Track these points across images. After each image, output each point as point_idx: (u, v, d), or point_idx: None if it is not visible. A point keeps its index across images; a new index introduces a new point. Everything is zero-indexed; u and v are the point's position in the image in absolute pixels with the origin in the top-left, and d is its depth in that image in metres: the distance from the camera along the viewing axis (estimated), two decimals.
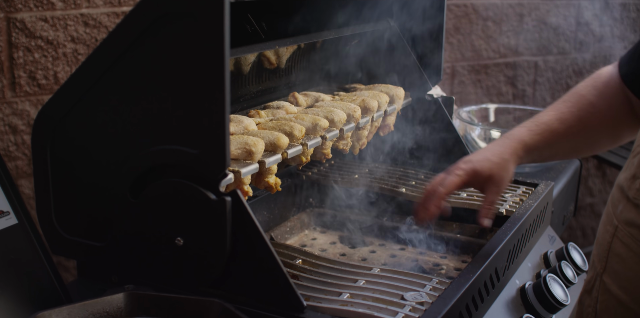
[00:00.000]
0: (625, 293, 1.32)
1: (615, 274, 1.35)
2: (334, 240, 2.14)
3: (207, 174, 1.42)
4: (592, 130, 1.72)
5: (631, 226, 1.32)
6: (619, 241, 1.35)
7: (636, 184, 1.32)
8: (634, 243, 1.31)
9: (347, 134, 1.93)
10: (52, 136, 1.57)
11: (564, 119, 1.72)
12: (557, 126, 1.71)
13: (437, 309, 1.45)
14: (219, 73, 1.34)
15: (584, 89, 1.73)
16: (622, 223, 1.34)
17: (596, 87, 1.71)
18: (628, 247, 1.32)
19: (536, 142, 1.72)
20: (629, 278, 1.32)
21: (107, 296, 1.41)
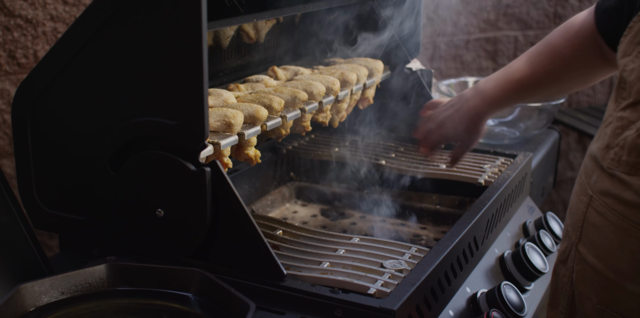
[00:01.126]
0: (601, 262, 1.33)
1: (591, 243, 1.36)
2: (315, 212, 2.16)
3: (186, 145, 1.43)
4: (564, 81, 1.76)
5: (606, 196, 1.32)
6: (593, 211, 1.35)
7: (610, 154, 1.32)
8: (609, 212, 1.31)
9: (326, 106, 1.94)
10: (32, 111, 1.58)
11: (533, 68, 1.75)
12: (525, 75, 1.75)
13: (415, 276, 1.47)
14: (197, 45, 1.34)
15: (557, 39, 1.73)
16: (596, 193, 1.34)
17: (568, 38, 1.70)
18: (603, 216, 1.32)
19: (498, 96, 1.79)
20: (604, 247, 1.32)
21: (89, 267, 1.43)
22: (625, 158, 1.29)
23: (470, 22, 3.79)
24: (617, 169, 1.31)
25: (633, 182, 1.27)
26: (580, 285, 1.40)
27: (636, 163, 1.27)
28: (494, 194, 1.87)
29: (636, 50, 1.34)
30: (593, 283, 1.36)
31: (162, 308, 1.39)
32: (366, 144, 2.28)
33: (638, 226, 1.26)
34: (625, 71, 1.35)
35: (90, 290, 1.42)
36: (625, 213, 1.29)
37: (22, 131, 1.60)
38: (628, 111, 1.31)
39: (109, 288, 1.43)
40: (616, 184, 1.31)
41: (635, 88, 1.30)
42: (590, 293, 1.36)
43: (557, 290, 1.48)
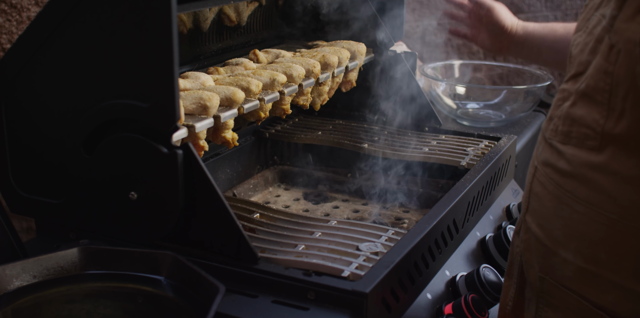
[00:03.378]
0: (541, 230, 1.36)
1: (534, 213, 1.38)
2: (298, 196, 2.15)
3: (158, 127, 1.41)
4: None
5: (546, 166, 1.35)
6: (537, 181, 1.38)
7: (551, 125, 1.35)
8: (547, 181, 1.34)
9: (306, 89, 1.93)
10: (5, 95, 1.56)
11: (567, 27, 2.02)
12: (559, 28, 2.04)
13: (390, 258, 1.46)
14: (166, 26, 1.33)
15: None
16: (540, 163, 1.38)
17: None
18: (543, 186, 1.35)
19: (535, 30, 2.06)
20: (543, 216, 1.35)
21: (61, 251, 1.42)
22: (561, 128, 1.32)
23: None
24: (554, 139, 1.34)
25: (565, 151, 1.30)
26: (527, 254, 1.43)
27: (569, 132, 1.30)
28: (475, 177, 1.86)
29: (585, 26, 1.36)
30: (535, 251, 1.39)
31: (134, 292, 1.38)
32: (349, 128, 2.27)
33: (569, 194, 1.28)
34: (573, 45, 1.37)
35: (62, 273, 1.41)
36: (559, 181, 1.31)
37: None
38: (570, 83, 1.34)
39: (81, 272, 1.42)
40: (554, 154, 1.33)
41: (577, 61, 1.32)
42: (533, 262, 1.39)
43: (512, 260, 1.50)
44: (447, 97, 2.58)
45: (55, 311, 1.35)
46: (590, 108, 1.26)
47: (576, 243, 1.29)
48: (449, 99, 2.58)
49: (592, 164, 1.25)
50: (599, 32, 1.28)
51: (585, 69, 1.29)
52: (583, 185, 1.26)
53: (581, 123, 1.27)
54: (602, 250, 1.25)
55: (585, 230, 1.27)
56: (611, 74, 1.22)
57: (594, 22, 1.31)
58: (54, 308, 1.35)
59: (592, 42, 1.29)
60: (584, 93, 1.28)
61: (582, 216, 1.27)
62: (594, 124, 1.25)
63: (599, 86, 1.24)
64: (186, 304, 1.32)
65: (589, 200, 1.25)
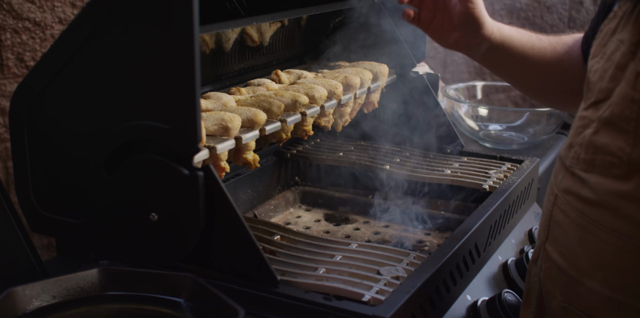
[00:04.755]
0: (563, 260, 1.34)
1: (556, 241, 1.37)
2: (319, 217, 2.14)
3: (179, 149, 1.41)
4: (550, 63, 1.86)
5: (568, 194, 1.33)
6: (558, 209, 1.36)
7: (571, 152, 1.34)
8: (570, 210, 1.32)
9: (328, 110, 1.92)
10: (29, 114, 1.57)
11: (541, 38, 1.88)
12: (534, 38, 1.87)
13: (411, 283, 1.45)
14: (188, 48, 1.33)
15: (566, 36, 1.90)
16: (561, 191, 1.36)
17: (574, 37, 1.88)
18: (566, 214, 1.34)
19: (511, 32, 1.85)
20: (566, 245, 1.34)
21: (81, 271, 1.42)
22: (583, 156, 1.30)
23: None
24: (576, 167, 1.32)
25: (589, 179, 1.28)
26: (547, 283, 1.40)
27: (592, 160, 1.28)
28: (498, 200, 1.85)
29: (602, 51, 1.35)
30: (557, 280, 1.37)
31: (154, 314, 1.38)
32: (371, 149, 2.26)
33: (595, 223, 1.27)
34: (590, 71, 1.36)
35: (82, 294, 1.41)
36: (583, 210, 1.29)
37: (19, 134, 1.60)
38: (590, 111, 1.32)
39: (101, 293, 1.42)
40: (576, 182, 1.32)
41: (597, 88, 1.31)
42: (555, 291, 1.37)
43: (529, 289, 1.48)
44: (469, 119, 2.57)
45: None
46: (614, 136, 1.24)
47: (603, 272, 1.27)
48: (471, 120, 2.57)
49: (618, 193, 1.23)
50: (619, 59, 1.27)
51: (607, 96, 1.28)
52: (610, 214, 1.24)
53: (605, 151, 1.26)
54: (631, 279, 1.23)
55: (612, 259, 1.25)
56: (638, 102, 1.20)
57: (612, 48, 1.30)
58: None
59: (612, 69, 1.28)
60: (607, 121, 1.26)
61: (609, 245, 1.25)
62: (620, 152, 1.23)
63: (625, 114, 1.22)
64: None
65: (616, 229, 1.23)
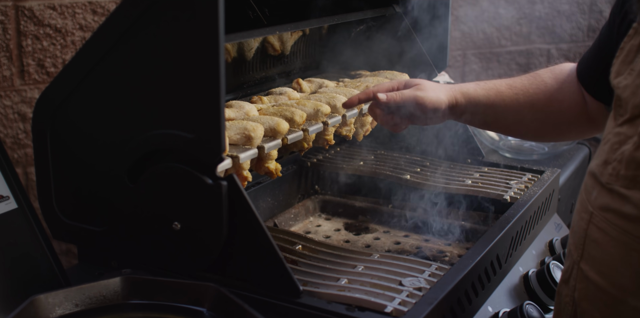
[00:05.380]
0: (603, 278, 1.32)
1: (593, 260, 1.34)
2: (339, 226, 2.14)
3: (203, 158, 1.41)
4: (537, 107, 1.78)
5: (606, 211, 1.31)
6: (595, 227, 1.34)
7: (608, 169, 1.32)
8: (609, 227, 1.30)
9: (350, 120, 1.92)
10: (52, 121, 1.57)
11: (513, 86, 1.79)
12: (505, 89, 1.78)
13: (434, 295, 1.44)
14: (213, 57, 1.33)
15: (543, 72, 1.82)
16: (597, 209, 1.33)
17: (554, 72, 1.81)
18: (604, 232, 1.31)
19: (478, 95, 1.77)
20: (606, 263, 1.31)
21: (103, 280, 1.42)
22: (624, 172, 1.28)
23: (502, 35, 3.76)
24: (615, 184, 1.30)
25: (632, 196, 1.26)
26: (584, 304, 1.38)
27: (634, 176, 1.26)
28: (519, 211, 1.84)
29: (628, 68, 1.34)
30: (596, 300, 1.34)
31: None
32: (391, 158, 2.26)
33: (638, 240, 1.25)
34: (619, 88, 1.35)
35: (105, 302, 1.41)
36: (625, 227, 1.27)
37: (42, 141, 1.60)
38: (625, 127, 1.31)
39: (123, 301, 1.41)
40: (615, 199, 1.29)
41: (631, 103, 1.30)
42: (594, 311, 1.34)
43: (560, 310, 1.46)
44: None
45: None
46: None
47: None
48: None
49: None
50: None
51: None
52: None
53: None
54: None
55: None
56: None
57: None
58: None
59: None
60: None
61: None
62: None
63: None
64: None
65: None
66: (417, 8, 2.22)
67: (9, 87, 2.33)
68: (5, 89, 2.33)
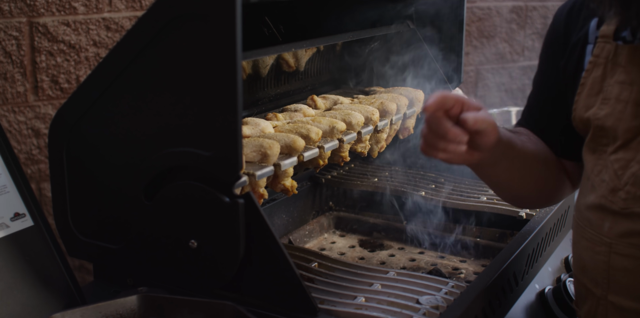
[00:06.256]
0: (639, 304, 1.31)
1: (624, 289, 1.33)
2: (353, 243, 2.13)
3: (220, 176, 1.41)
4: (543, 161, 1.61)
5: (629, 236, 1.30)
6: (618, 256, 1.33)
7: (620, 195, 1.31)
8: (637, 251, 1.29)
9: (365, 137, 1.92)
10: (68, 138, 1.58)
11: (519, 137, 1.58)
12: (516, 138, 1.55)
13: (452, 313, 1.44)
14: (231, 75, 1.33)
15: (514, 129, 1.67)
16: (617, 237, 1.33)
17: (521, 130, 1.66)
18: (632, 257, 1.31)
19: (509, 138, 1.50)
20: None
21: (120, 298, 1.41)
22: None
23: (514, 50, 3.76)
24: (635, 207, 1.29)
25: None
26: None
27: None
28: (535, 228, 1.83)
29: (599, 99, 1.36)
30: None
31: None
32: (406, 175, 2.26)
33: None
34: (597, 119, 1.36)
35: None
36: None
37: (58, 158, 1.60)
38: (621, 153, 1.32)
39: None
40: (637, 221, 1.29)
41: (620, 129, 1.31)
42: None
43: None
44: None
45: None
46: None
47: None
48: None
49: None
50: (635, 97, 1.29)
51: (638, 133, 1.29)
52: None
53: None
54: None
55: None
56: None
57: (616, 91, 1.33)
58: None
59: (630, 108, 1.29)
60: None
61: None
62: None
63: None
64: None
65: None
66: (431, 24, 2.22)
67: (22, 103, 2.34)
68: (19, 105, 2.34)
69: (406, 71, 2.24)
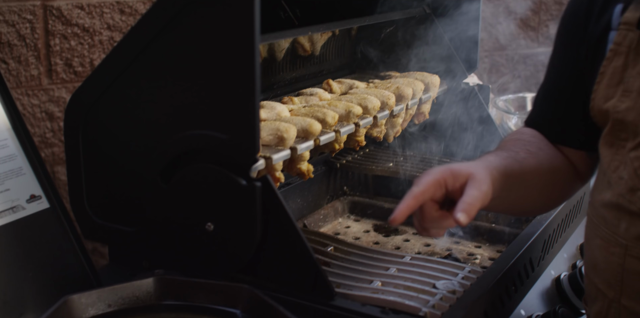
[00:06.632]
0: None
1: (638, 293, 1.30)
2: (368, 228, 2.13)
3: (237, 159, 1.41)
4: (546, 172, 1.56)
5: None
6: (633, 259, 1.29)
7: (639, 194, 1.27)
8: None
9: (381, 121, 1.91)
10: (84, 120, 1.57)
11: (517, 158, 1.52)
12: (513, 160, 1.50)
13: (468, 298, 1.43)
14: (249, 57, 1.32)
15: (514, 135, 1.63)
16: (632, 239, 1.28)
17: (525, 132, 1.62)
18: None
19: (505, 167, 1.45)
20: None
21: (136, 280, 1.41)
22: None
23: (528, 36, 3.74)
24: None
25: None
26: None
27: None
28: (551, 215, 1.82)
29: (619, 90, 1.31)
30: None
31: None
32: (421, 160, 2.25)
33: None
34: (617, 112, 1.30)
35: (137, 303, 1.40)
36: None
37: (74, 140, 1.60)
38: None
39: (156, 302, 1.41)
40: None
41: None
42: None
43: None
44: None
45: None
46: None
47: None
48: None
49: None
50: None
51: None
52: None
53: None
54: None
55: None
56: None
57: (638, 83, 1.28)
58: None
59: None
60: None
61: None
62: None
63: None
64: None
65: None
66: (447, 9, 2.20)
67: (36, 86, 2.34)
68: (33, 88, 2.33)
69: (422, 56, 2.23)
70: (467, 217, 1.29)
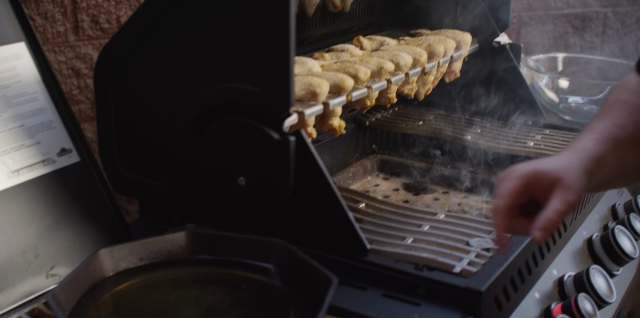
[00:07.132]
0: None
1: None
2: (397, 186, 2.11)
3: (270, 113, 1.39)
4: None
5: None
6: None
7: None
8: None
9: (412, 78, 1.88)
10: (115, 74, 1.56)
11: (621, 125, 1.35)
12: (618, 132, 1.34)
13: (503, 256, 1.42)
14: (284, 10, 1.30)
15: (621, 95, 1.42)
16: None
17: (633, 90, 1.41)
18: None
19: (604, 152, 1.30)
20: None
21: (168, 234, 1.40)
22: None
23: None
24: None
25: None
26: None
27: None
28: None
29: None
30: None
31: (241, 279, 1.36)
32: (451, 119, 2.22)
33: None
34: None
35: (169, 257, 1.40)
36: None
37: (104, 95, 1.59)
38: None
39: (188, 256, 1.40)
40: None
41: None
42: None
43: None
44: (549, 91, 2.51)
45: (163, 295, 1.33)
46: None
47: None
48: (551, 92, 2.51)
49: None
50: None
51: None
52: None
53: None
54: None
55: None
56: None
57: None
58: (161, 292, 1.34)
59: None
60: None
61: None
62: None
63: None
64: (296, 294, 1.29)
65: None
66: None
67: (63, 42, 2.32)
68: (59, 44, 2.31)
69: (453, 13, 2.19)
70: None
